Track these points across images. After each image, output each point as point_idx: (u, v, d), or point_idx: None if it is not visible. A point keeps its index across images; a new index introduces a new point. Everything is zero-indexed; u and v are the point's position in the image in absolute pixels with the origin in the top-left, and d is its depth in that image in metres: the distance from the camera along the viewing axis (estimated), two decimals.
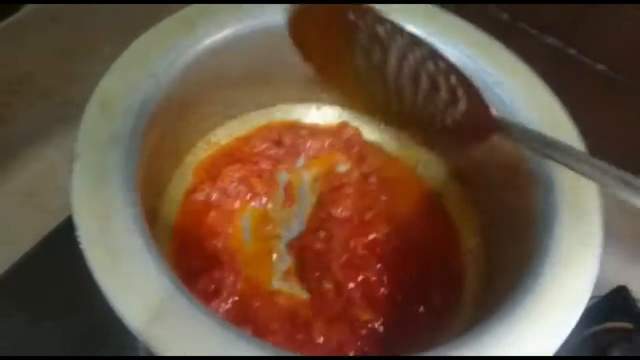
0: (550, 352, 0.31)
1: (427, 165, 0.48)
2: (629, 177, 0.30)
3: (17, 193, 0.53)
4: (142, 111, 0.34)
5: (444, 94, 0.33)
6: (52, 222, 0.50)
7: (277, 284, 0.41)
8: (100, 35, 0.64)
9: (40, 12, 0.64)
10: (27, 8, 0.64)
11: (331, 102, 0.49)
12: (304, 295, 0.41)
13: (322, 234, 0.43)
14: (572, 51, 0.54)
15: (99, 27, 0.65)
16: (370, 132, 0.49)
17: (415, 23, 0.41)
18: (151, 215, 0.37)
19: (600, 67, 0.53)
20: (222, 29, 0.39)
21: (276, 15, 0.40)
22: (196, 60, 0.38)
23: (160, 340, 0.27)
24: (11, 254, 0.48)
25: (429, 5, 0.43)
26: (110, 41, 0.62)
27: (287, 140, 0.46)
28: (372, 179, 0.46)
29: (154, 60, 0.36)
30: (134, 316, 0.27)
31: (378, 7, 0.34)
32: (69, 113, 0.57)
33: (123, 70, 0.35)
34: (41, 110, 0.58)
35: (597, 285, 0.45)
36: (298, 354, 0.32)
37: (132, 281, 0.28)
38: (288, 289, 0.41)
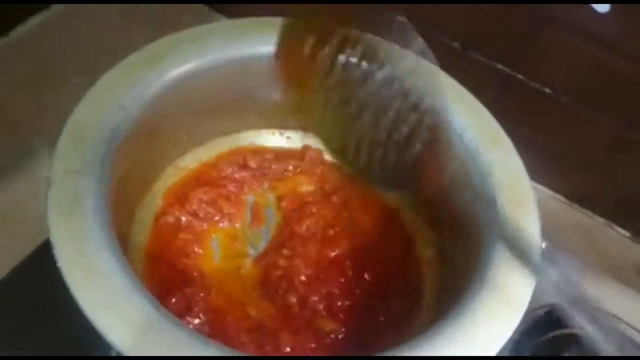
0: (495, 350, 0.33)
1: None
2: None
3: None
4: (112, 140, 0.37)
5: (405, 130, 0.37)
6: (25, 248, 0.51)
7: (245, 299, 0.43)
8: (67, 68, 0.65)
9: (7, 45, 0.66)
10: None
11: (294, 127, 0.52)
12: (271, 308, 0.43)
13: (285, 251, 0.45)
14: (520, 76, 0.58)
15: (65, 60, 0.66)
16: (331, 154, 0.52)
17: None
18: (122, 238, 0.39)
19: (547, 90, 0.57)
20: (185, 63, 0.41)
21: (237, 49, 0.43)
22: (162, 91, 0.40)
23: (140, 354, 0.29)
24: None
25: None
26: (76, 74, 0.64)
27: (253, 163, 0.49)
28: (334, 198, 0.49)
29: (122, 93, 0.38)
30: (113, 333, 0.29)
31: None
32: (37, 144, 0.59)
33: (93, 102, 0.38)
34: (10, 142, 0.59)
35: (552, 295, 0.48)
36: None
37: (110, 298, 0.30)
38: (256, 303, 0.43)
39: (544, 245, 0.39)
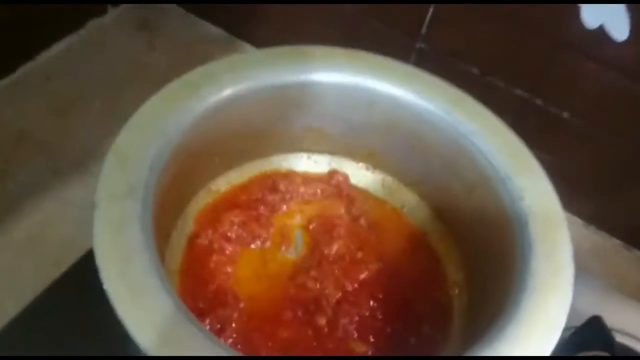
0: None
1: (411, 206, 0.51)
2: None
3: (16, 245, 0.54)
4: (154, 165, 0.38)
5: None
6: (52, 272, 0.52)
7: (277, 320, 0.43)
8: (90, 92, 0.67)
9: (34, 71, 0.67)
10: (22, 68, 0.67)
11: (320, 151, 0.53)
12: (301, 330, 0.43)
13: (314, 273, 0.46)
14: (539, 101, 0.59)
15: (89, 84, 0.68)
16: (358, 178, 0.53)
17: (395, 83, 0.46)
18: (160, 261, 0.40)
19: (565, 115, 0.58)
20: (222, 90, 0.43)
21: (269, 77, 0.44)
22: (201, 118, 0.41)
23: None
24: (13, 305, 0.49)
25: (408, 66, 0.48)
26: (100, 97, 0.66)
27: (282, 187, 0.50)
28: (362, 221, 0.50)
29: (163, 119, 0.40)
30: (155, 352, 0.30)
31: None
32: (63, 166, 0.60)
33: (136, 128, 0.39)
34: (38, 164, 0.60)
35: (573, 316, 0.48)
36: None
37: (153, 319, 0.31)
38: (287, 324, 0.43)
39: None
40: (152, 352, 0.30)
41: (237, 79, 0.43)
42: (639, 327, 0.53)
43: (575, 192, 0.63)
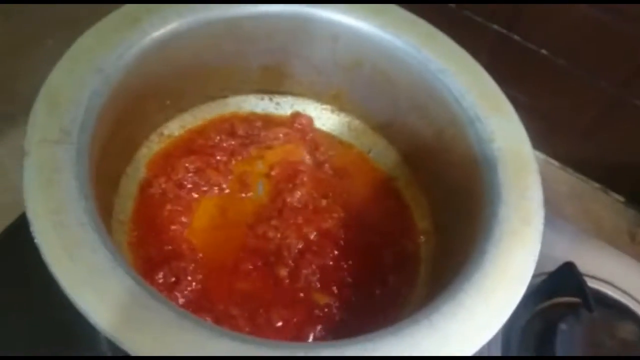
0: (498, 326, 0.32)
1: (378, 151, 0.49)
2: None
3: None
4: (90, 106, 0.34)
5: None
6: (4, 220, 0.49)
7: (235, 271, 0.41)
8: (42, 30, 0.63)
9: None
10: None
11: (283, 92, 0.49)
12: (261, 281, 0.41)
13: (275, 222, 0.44)
14: (517, 37, 0.56)
15: (40, 22, 0.63)
16: (323, 121, 0.50)
17: (360, 16, 0.42)
18: (106, 210, 0.37)
19: (543, 52, 0.55)
20: (167, 23, 0.39)
21: (218, 9, 0.41)
22: (143, 54, 0.38)
23: (126, 337, 0.27)
24: None
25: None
26: (53, 35, 0.62)
27: (241, 131, 0.47)
28: (326, 167, 0.48)
29: (100, 55, 0.36)
30: (96, 314, 0.27)
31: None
32: (14, 110, 0.57)
33: (69, 66, 0.35)
34: None
35: (546, 262, 0.47)
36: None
37: (90, 277, 0.28)
38: (246, 276, 0.41)
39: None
40: (89, 314, 0.27)
41: (182, 12, 0.40)
42: (612, 272, 0.53)
43: (552, 133, 0.61)
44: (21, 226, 0.46)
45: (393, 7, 0.44)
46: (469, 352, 0.31)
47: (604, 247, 0.57)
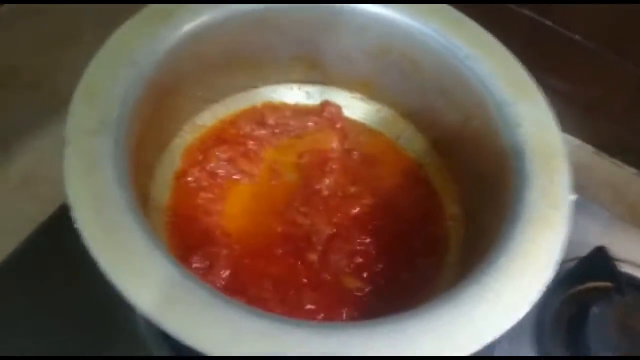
0: (525, 309, 0.32)
1: (407, 138, 0.49)
2: None
3: (11, 184, 0.54)
4: (126, 98, 0.36)
5: None
6: (48, 210, 0.52)
7: (267, 256, 0.42)
8: (79, 25, 0.64)
9: (21, 6, 0.65)
10: (7, 4, 0.65)
11: (312, 82, 0.50)
12: (292, 266, 0.42)
13: (304, 209, 0.45)
14: (549, 22, 0.55)
15: (78, 17, 0.65)
16: (352, 110, 0.50)
17: (388, 4, 0.43)
18: (142, 199, 0.39)
19: (576, 37, 0.54)
20: (199, 16, 0.40)
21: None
22: (176, 46, 0.39)
23: (164, 317, 0.28)
24: (9, 243, 0.49)
25: None
26: (90, 29, 0.63)
27: (272, 120, 0.48)
28: (355, 154, 0.48)
29: (135, 49, 0.37)
30: (136, 295, 0.29)
31: None
32: (56, 102, 0.59)
33: (106, 59, 0.36)
34: (29, 101, 0.58)
35: (579, 247, 0.47)
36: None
37: (130, 260, 0.30)
38: (278, 260, 0.42)
39: (574, 198, 0.37)
40: (129, 296, 0.29)
41: (213, 6, 0.41)
42: None
43: (587, 118, 0.60)
44: (62, 216, 0.49)
45: None
46: (496, 335, 0.31)
47: (636, 231, 0.56)
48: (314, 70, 0.48)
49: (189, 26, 0.39)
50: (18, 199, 0.53)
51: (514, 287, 0.33)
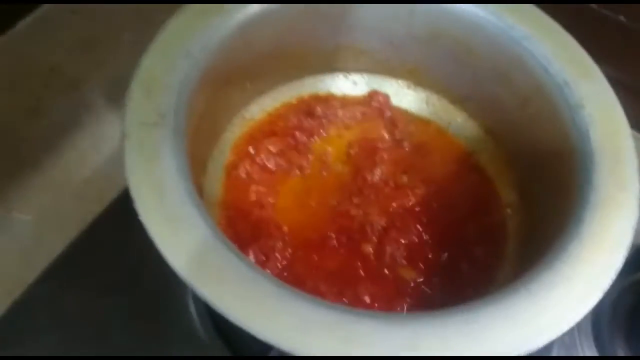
0: (598, 296, 0.31)
1: (458, 125, 0.48)
2: None
3: (56, 184, 0.54)
4: (182, 90, 0.35)
5: None
6: (92, 209, 0.52)
7: (322, 248, 0.42)
8: (118, 24, 0.65)
9: (60, 6, 0.65)
10: (47, 3, 0.65)
11: (359, 70, 0.49)
12: (348, 258, 0.42)
13: (357, 200, 0.44)
14: (594, 5, 0.54)
15: (117, 16, 0.65)
16: (400, 98, 0.50)
17: None
18: (198, 190, 0.38)
19: (621, 18, 0.53)
20: (250, 5, 0.39)
21: None
22: (227, 36, 0.39)
23: (237, 312, 0.28)
24: (55, 243, 0.49)
25: None
26: (129, 28, 0.64)
27: (319, 111, 0.47)
28: (406, 143, 0.47)
29: (188, 40, 0.37)
30: (198, 285, 0.28)
31: None
32: (96, 101, 0.59)
33: (161, 51, 0.36)
34: (71, 100, 0.59)
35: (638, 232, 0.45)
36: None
37: (192, 250, 0.29)
38: (333, 252, 0.42)
39: None
40: (188, 278, 0.29)
41: None
42: None
43: (633, 103, 0.58)
44: (110, 215, 0.49)
45: None
46: (569, 324, 0.30)
47: None
48: (360, 57, 0.48)
49: (239, 16, 0.39)
50: (61, 198, 0.53)
51: (586, 274, 0.32)
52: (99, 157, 0.56)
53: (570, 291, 0.31)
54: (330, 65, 0.48)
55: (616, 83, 0.40)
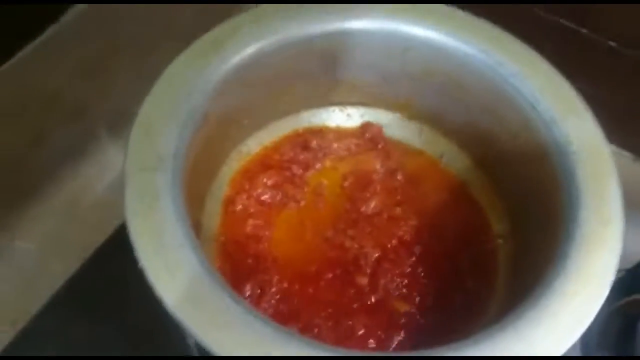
0: (582, 329, 0.32)
1: (450, 156, 0.49)
2: None
3: (58, 211, 0.54)
4: (182, 132, 0.36)
5: None
6: (96, 236, 0.53)
7: (317, 281, 0.43)
8: (121, 52, 0.66)
9: (63, 32, 0.66)
10: (51, 30, 0.66)
11: (353, 103, 0.51)
12: (342, 290, 0.42)
13: (351, 232, 0.45)
14: (584, 30, 0.54)
15: (119, 44, 0.66)
16: (393, 129, 0.51)
17: (430, 23, 0.43)
18: (195, 228, 0.40)
19: (612, 44, 0.54)
20: (247, 47, 0.41)
21: (295, 29, 0.42)
22: (226, 77, 0.40)
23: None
24: (60, 271, 0.50)
25: (443, 5, 0.44)
26: (130, 54, 0.64)
27: (314, 144, 0.48)
28: (399, 175, 0.48)
29: (188, 82, 0.38)
30: (198, 331, 0.30)
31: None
32: (99, 128, 0.60)
33: (161, 94, 0.37)
34: (74, 128, 0.59)
35: (624, 258, 0.46)
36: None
37: (191, 294, 0.31)
38: (328, 285, 0.43)
39: None
40: (183, 318, 0.30)
41: (261, 34, 0.41)
42: None
43: (625, 125, 0.59)
44: (113, 243, 0.50)
45: (457, 12, 0.45)
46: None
47: None
48: (354, 92, 0.49)
49: (237, 57, 0.40)
50: (64, 227, 0.54)
51: (572, 308, 0.33)
52: (102, 185, 0.57)
53: (556, 326, 0.32)
54: (325, 99, 0.50)
55: (593, 99, 0.41)
